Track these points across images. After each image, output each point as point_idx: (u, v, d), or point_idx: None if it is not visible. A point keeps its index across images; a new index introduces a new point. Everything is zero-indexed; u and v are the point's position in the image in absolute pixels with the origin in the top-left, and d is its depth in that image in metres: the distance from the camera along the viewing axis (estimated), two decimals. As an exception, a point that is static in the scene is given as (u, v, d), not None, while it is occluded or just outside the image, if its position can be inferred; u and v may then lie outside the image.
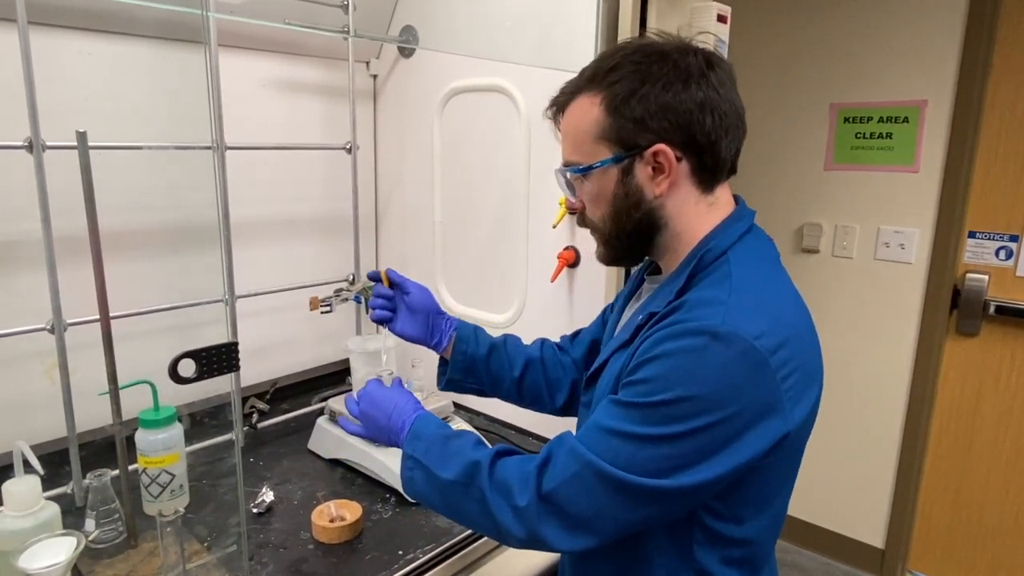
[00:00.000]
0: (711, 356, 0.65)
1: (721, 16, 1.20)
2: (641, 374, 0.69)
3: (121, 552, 1.03)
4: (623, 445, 0.67)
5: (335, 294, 1.51)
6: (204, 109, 1.13)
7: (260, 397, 1.55)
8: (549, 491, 0.70)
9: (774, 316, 0.68)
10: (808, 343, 0.72)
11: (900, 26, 2.09)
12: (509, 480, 0.73)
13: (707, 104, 0.71)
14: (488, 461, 0.75)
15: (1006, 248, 2.04)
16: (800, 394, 0.69)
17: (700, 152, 0.73)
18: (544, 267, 1.37)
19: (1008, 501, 2.13)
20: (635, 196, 0.75)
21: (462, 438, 0.81)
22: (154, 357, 0.93)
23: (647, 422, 0.67)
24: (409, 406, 0.88)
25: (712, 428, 0.65)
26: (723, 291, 0.69)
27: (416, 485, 0.81)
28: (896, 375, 2.24)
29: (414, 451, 0.82)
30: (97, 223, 0.96)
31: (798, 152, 2.34)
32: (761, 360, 0.65)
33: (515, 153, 1.40)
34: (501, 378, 1.06)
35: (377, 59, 1.69)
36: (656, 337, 0.69)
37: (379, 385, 0.94)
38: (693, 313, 0.69)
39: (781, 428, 0.67)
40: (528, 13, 1.34)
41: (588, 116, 0.75)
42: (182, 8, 1.18)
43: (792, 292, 0.75)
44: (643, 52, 0.73)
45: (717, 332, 0.65)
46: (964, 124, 2.02)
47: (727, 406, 0.65)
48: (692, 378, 0.65)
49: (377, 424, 0.89)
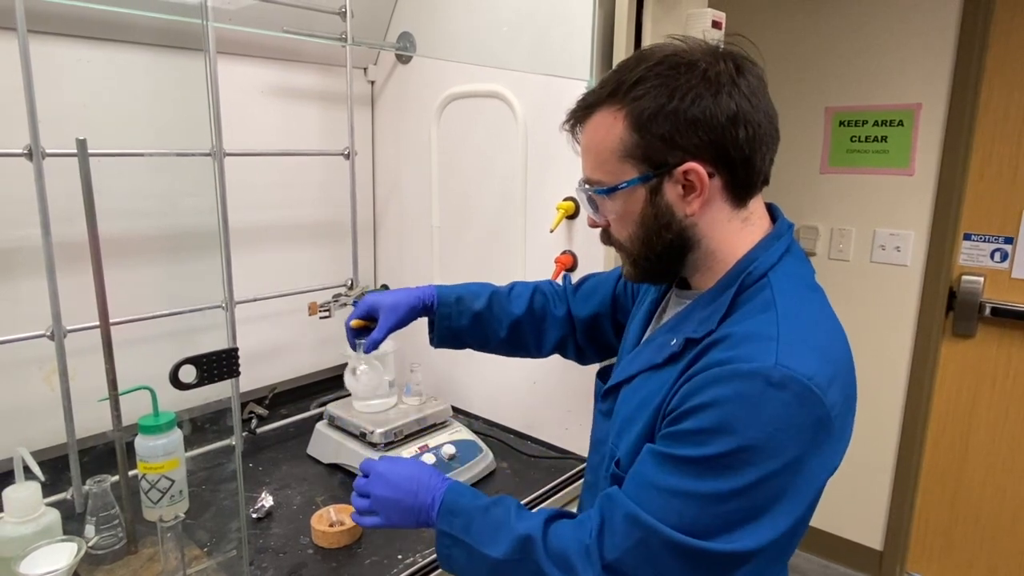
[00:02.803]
0: (767, 402, 0.61)
1: (716, 22, 1.21)
2: (691, 424, 0.64)
3: (121, 558, 1.03)
4: (684, 505, 0.63)
5: (334, 299, 1.52)
6: (203, 116, 1.14)
7: (259, 402, 1.55)
8: (612, 561, 0.66)
9: (823, 352, 0.66)
10: (851, 374, 0.70)
11: (895, 30, 2.11)
12: (567, 553, 0.68)
13: (740, 116, 0.67)
14: (540, 533, 0.71)
15: (1001, 250, 2.06)
16: (845, 425, 0.67)
17: (733, 167, 0.69)
18: (542, 271, 1.38)
19: (1005, 502, 2.14)
20: (665, 216, 0.71)
21: (501, 506, 0.76)
22: (153, 363, 0.93)
23: (704, 477, 0.63)
24: (435, 479, 0.82)
25: (773, 477, 0.62)
26: (770, 324, 0.66)
27: (456, 563, 0.76)
28: (892, 377, 2.25)
29: (451, 528, 0.76)
30: (97, 230, 0.96)
31: (794, 155, 2.36)
32: (817, 401, 0.62)
33: (512, 158, 1.41)
34: (487, 341, 1.08)
35: (375, 65, 1.70)
36: (703, 380, 0.65)
37: (389, 463, 0.86)
38: (740, 351, 0.65)
39: (836, 462, 0.66)
40: (524, 20, 1.35)
41: (611, 133, 0.70)
42: (181, 17, 1.18)
43: (833, 320, 0.73)
44: (669, 63, 0.68)
45: (772, 376, 0.61)
46: (958, 127, 2.04)
47: (787, 451, 0.61)
48: (749, 426, 0.61)
49: (401, 507, 0.81)
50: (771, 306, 0.68)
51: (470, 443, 1.33)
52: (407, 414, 1.33)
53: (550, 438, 1.46)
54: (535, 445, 1.47)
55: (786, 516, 0.63)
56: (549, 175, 1.36)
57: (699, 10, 1.21)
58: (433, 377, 1.61)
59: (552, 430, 1.45)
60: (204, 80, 1.14)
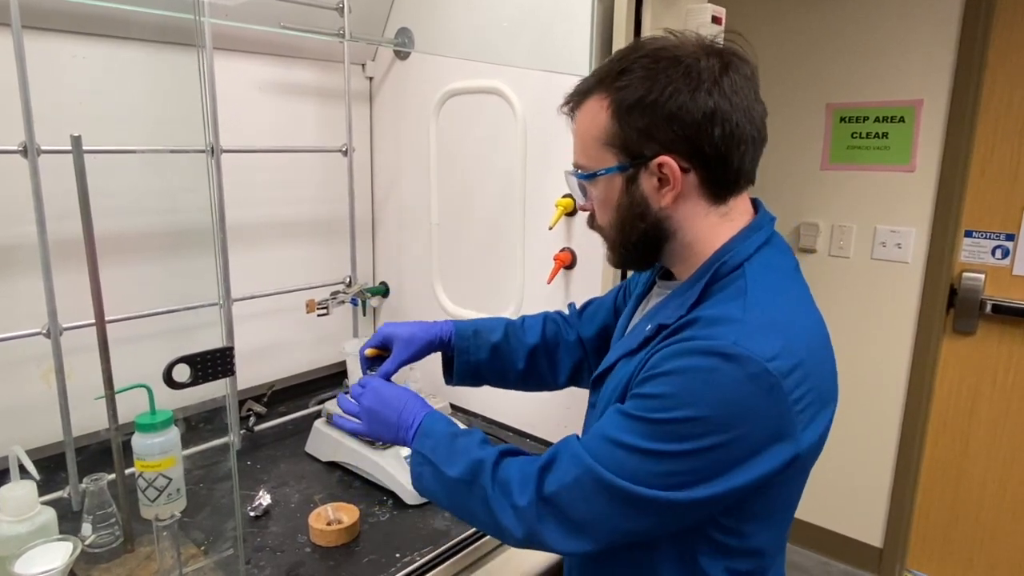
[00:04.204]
0: (721, 378, 0.63)
1: (716, 17, 1.20)
2: (649, 388, 0.68)
3: (118, 556, 1.03)
4: (627, 457, 0.67)
5: (332, 297, 1.51)
6: (199, 112, 1.13)
7: (257, 400, 1.55)
8: (550, 494, 0.70)
9: (789, 337, 0.66)
10: (824, 364, 0.71)
11: (896, 26, 2.10)
12: (511, 480, 0.73)
13: (716, 114, 0.67)
14: (492, 460, 0.75)
15: (1002, 247, 2.05)
16: (813, 417, 0.67)
17: (708, 164, 0.70)
18: (540, 269, 1.37)
19: (1005, 499, 2.14)
20: (640, 206, 0.73)
21: (469, 436, 0.81)
22: (150, 361, 0.92)
23: (653, 437, 0.66)
24: (419, 404, 0.88)
25: (718, 449, 0.64)
26: (737, 308, 0.67)
27: (424, 481, 0.81)
28: (893, 374, 2.25)
29: (422, 448, 0.82)
30: (92, 227, 0.96)
31: (794, 152, 2.35)
32: (773, 383, 0.63)
33: (511, 155, 1.40)
34: (505, 374, 1.06)
35: (373, 61, 1.69)
36: (666, 352, 0.68)
37: (385, 382, 0.93)
38: (706, 331, 0.67)
39: (790, 451, 0.65)
40: (523, 16, 1.34)
41: (596, 120, 0.72)
42: (176, 13, 1.18)
43: (810, 309, 0.73)
44: (655, 56, 0.69)
45: (728, 353, 0.63)
46: (960, 123, 2.03)
47: (735, 428, 0.63)
48: (701, 399, 0.64)
49: (385, 421, 0.88)
50: (742, 293, 0.69)
51: (469, 441, 1.32)
52: (405, 412, 1.33)
53: (549, 436, 1.46)
54: (534, 443, 1.47)
55: (723, 483, 0.65)
56: (548, 172, 1.35)
57: (699, 5, 1.20)
58: (432, 375, 1.60)
59: (551, 428, 1.45)
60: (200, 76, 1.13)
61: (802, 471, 0.73)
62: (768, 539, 0.75)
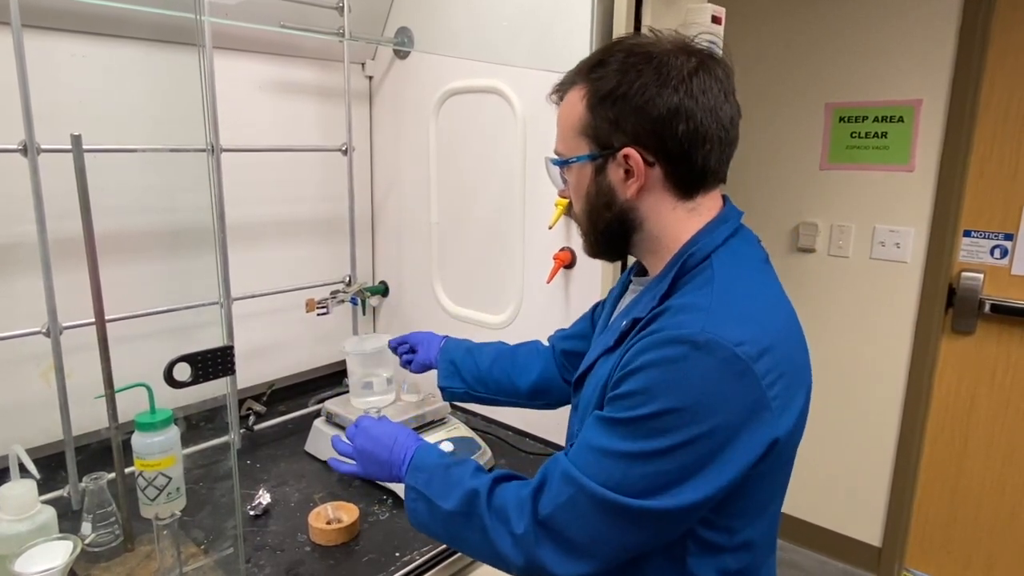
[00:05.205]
0: (692, 366, 0.64)
1: (716, 17, 1.20)
2: (624, 388, 0.68)
3: (118, 555, 1.03)
4: (613, 465, 0.66)
5: (331, 296, 1.51)
6: (199, 111, 1.13)
7: (257, 399, 1.55)
8: (545, 517, 0.69)
9: (757, 322, 0.67)
10: (794, 348, 0.71)
11: (895, 25, 2.10)
12: (507, 506, 0.72)
13: (681, 111, 0.69)
14: (486, 489, 0.74)
15: (1001, 247, 2.05)
16: (787, 401, 0.68)
17: (671, 159, 0.72)
18: (540, 268, 1.38)
19: (1004, 498, 2.14)
20: (606, 196, 0.75)
21: (462, 466, 0.80)
22: (150, 360, 0.93)
23: (633, 438, 0.66)
24: (410, 439, 0.87)
25: (699, 440, 0.64)
26: (705, 297, 0.68)
27: (419, 516, 0.81)
28: (892, 374, 2.25)
29: (416, 482, 0.81)
30: (92, 226, 0.96)
31: (793, 152, 2.35)
32: (744, 368, 0.64)
33: (511, 154, 1.40)
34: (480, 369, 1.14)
35: (373, 60, 1.69)
36: (637, 348, 0.68)
37: (374, 420, 0.93)
38: (674, 320, 0.68)
39: (769, 435, 0.66)
40: (523, 15, 1.34)
41: (574, 110, 0.75)
42: (176, 12, 1.18)
43: (777, 296, 0.74)
44: (631, 50, 0.72)
45: (696, 340, 0.64)
46: (959, 123, 2.03)
47: (712, 416, 0.63)
48: (674, 389, 0.64)
49: (377, 459, 0.87)
50: (710, 282, 0.70)
51: (468, 440, 1.32)
52: (405, 411, 1.33)
53: (548, 435, 1.46)
54: (533, 442, 1.47)
55: (712, 480, 0.65)
56: (548, 171, 1.35)
57: (699, 5, 1.20)
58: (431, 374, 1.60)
59: (549, 427, 1.45)
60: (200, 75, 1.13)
61: (784, 459, 0.73)
62: (757, 533, 0.75)
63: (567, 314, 1.38)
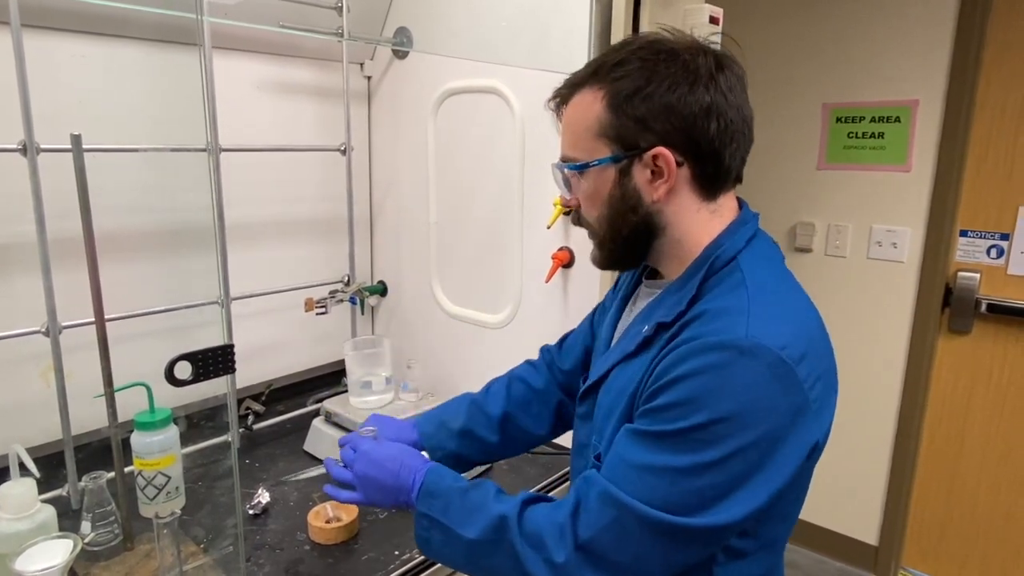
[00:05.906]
0: (739, 372, 0.61)
1: (713, 17, 1.20)
2: (664, 399, 0.64)
3: (117, 554, 1.03)
4: (658, 481, 0.63)
5: (330, 295, 1.51)
6: (198, 111, 1.13)
7: (255, 399, 1.55)
8: (586, 540, 0.65)
9: (795, 324, 0.66)
10: (826, 350, 0.70)
11: (892, 26, 2.11)
12: (541, 533, 0.68)
13: (713, 109, 0.68)
14: (515, 514, 0.70)
15: (997, 247, 2.06)
16: (824, 402, 0.66)
17: (702, 158, 0.70)
18: (539, 268, 1.38)
19: (1000, 497, 2.15)
20: (632, 199, 0.71)
21: (480, 489, 0.75)
22: (149, 359, 0.93)
23: (679, 451, 0.62)
24: (417, 460, 0.81)
25: (749, 448, 0.61)
26: (740, 300, 0.66)
27: (433, 546, 0.76)
28: (889, 373, 2.26)
29: (430, 510, 0.76)
30: (92, 226, 0.96)
31: (791, 151, 2.35)
32: (788, 371, 0.62)
33: (509, 154, 1.41)
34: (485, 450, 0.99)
35: (371, 60, 1.69)
36: (674, 356, 0.65)
37: (374, 443, 0.86)
38: (713, 325, 0.65)
39: (812, 438, 0.64)
40: (522, 15, 1.34)
41: (590, 111, 0.71)
42: (176, 12, 1.18)
43: (805, 297, 0.73)
44: (652, 49, 0.69)
45: (741, 346, 0.61)
46: (955, 123, 2.04)
47: (761, 423, 0.61)
48: (721, 397, 0.61)
49: (381, 486, 0.81)
50: (742, 284, 0.68)
51: (467, 439, 1.32)
52: (404, 410, 1.33)
53: (548, 434, 1.46)
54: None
55: (762, 489, 0.62)
56: (546, 171, 1.35)
57: (696, 5, 1.21)
58: (430, 373, 1.61)
59: (549, 426, 1.45)
60: (199, 75, 1.13)
61: (814, 463, 0.71)
62: (780, 532, 0.74)
63: (565, 313, 1.39)
